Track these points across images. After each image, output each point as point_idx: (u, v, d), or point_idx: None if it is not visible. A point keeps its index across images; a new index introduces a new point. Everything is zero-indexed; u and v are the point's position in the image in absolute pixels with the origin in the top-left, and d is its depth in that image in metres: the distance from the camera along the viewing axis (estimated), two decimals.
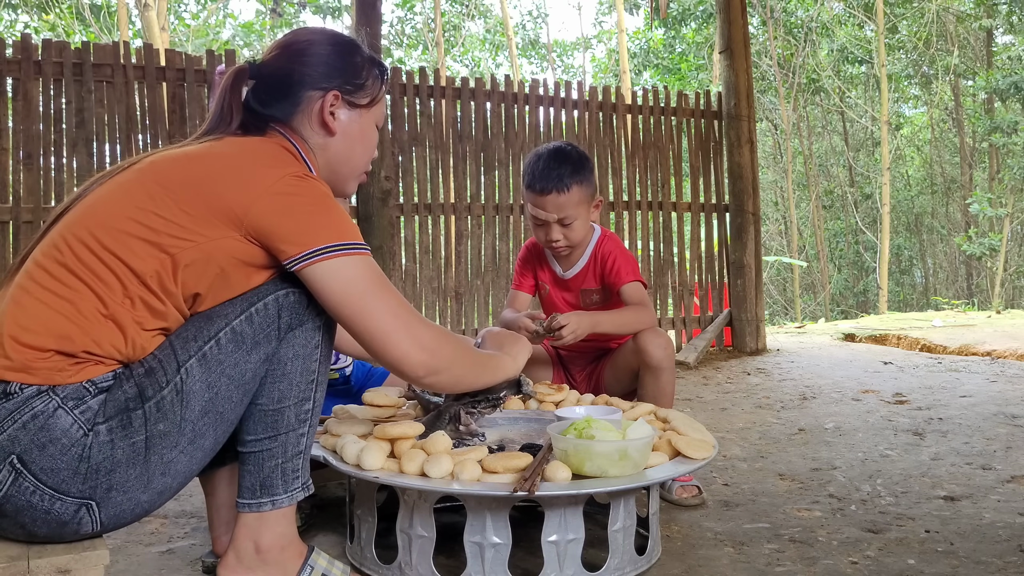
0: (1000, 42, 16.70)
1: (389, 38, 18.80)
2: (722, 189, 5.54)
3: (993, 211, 13.47)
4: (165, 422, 1.27)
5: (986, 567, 1.68)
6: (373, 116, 1.54)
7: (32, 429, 1.21)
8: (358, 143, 1.52)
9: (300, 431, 1.40)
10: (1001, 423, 3.05)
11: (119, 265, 1.26)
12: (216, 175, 1.31)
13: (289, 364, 1.36)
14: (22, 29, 13.86)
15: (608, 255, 2.27)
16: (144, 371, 1.28)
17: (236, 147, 1.38)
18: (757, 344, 5.30)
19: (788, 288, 17.64)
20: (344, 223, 1.33)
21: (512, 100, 4.97)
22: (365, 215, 4.42)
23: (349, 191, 1.58)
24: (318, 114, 1.46)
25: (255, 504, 1.40)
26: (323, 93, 1.46)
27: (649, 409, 1.92)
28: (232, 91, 1.46)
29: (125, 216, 1.28)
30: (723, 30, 5.35)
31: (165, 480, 1.30)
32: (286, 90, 1.46)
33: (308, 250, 1.29)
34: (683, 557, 1.75)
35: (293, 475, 1.41)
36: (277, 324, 1.34)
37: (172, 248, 1.28)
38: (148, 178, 1.31)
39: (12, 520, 1.24)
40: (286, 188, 1.30)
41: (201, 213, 1.28)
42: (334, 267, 1.30)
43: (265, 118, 1.46)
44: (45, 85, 3.98)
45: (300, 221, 1.30)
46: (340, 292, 1.31)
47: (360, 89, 1.50)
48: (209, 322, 1.31)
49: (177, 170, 1.32)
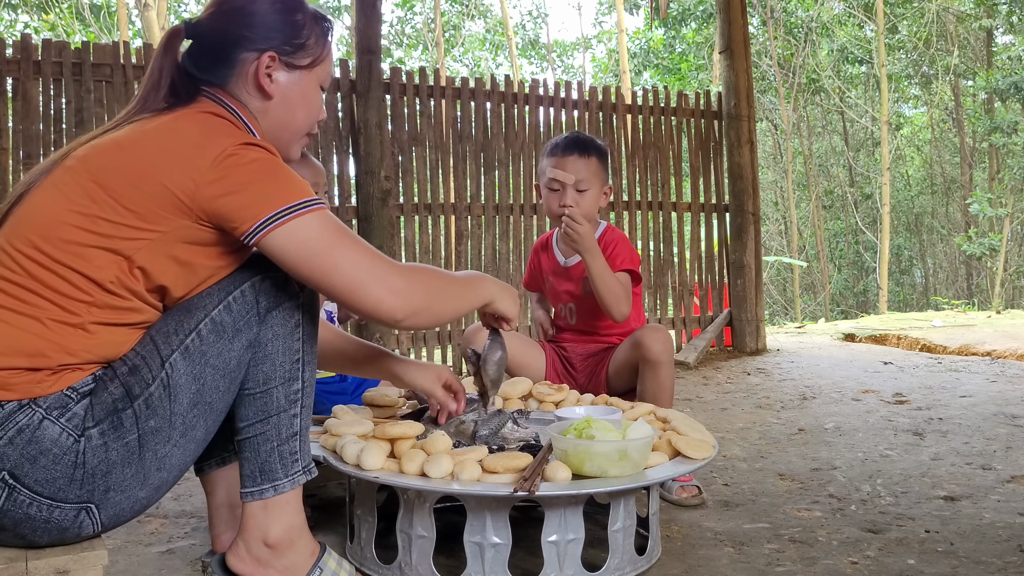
0: (1000, 42, 16.70)
1: (389, 38, 18.80)
2: (722, 189, 5.54)
3: (993, 211, 13.46)
4: (156, 418, 1.26)
5: (986, 567, 1.68)
6: (316, 77, 1.45)
7: (20, 444, 1.20)
8: (299, 106, 1.44)
9: (292, 412, 1.38)
10: (1001, 423, 3.05)
11: (76, 276, 1.23)
12: (152, 164, 1.25)
13: (270, 345, 1.34)
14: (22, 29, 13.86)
15: (610, 243, 2.33)
16: (128, 369, 1.27)
17: (165, 128, 1.30)
18: (757, 344, 5.29)
19: (788, 288, 17.64)
20: (290, 183, 1.28)
21: (512, 100, 4.96)
22: (365, 215, 4.42)
23: (293, 156, 1.50)
24: (253, 77, 1.38)
25: (257, 491, 1.38)
26: (259, 55, 1.38)
27: (649, 409, 1.92)
28: (165, 53, 1.38)
29: (69, 224, 1.23)
30: (723, 30, 5.35)
31: (161, 475, 1.30)
32: (221, 52, 1.38)
33: (258, 222, 1.24)
34: (683, 557, 1.75)
35: (292, 458, 1.39)
36: (256, 310, 1.32)
37: (127, 250, 1.24)
38: (83, 176, 1.25)
39: (11, 532, 1.23)
40: (225, 165, 1.25)
41: (147, 208, 1.24)
42: (287, 232, 1.25)
43: (198, 82, 1.38)
44: (45, 85, 3.98)
45: (246, 195, 1.24)
46: (300, 255, 1.26)
47: (300, 49, 1.41)
48: (188, 315, 1.30)
49: (111, 162, 1.26)
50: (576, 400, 2.02)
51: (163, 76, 1.37)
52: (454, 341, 4.75)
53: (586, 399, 2.04)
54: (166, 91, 1.36)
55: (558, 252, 2.45)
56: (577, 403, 1.99)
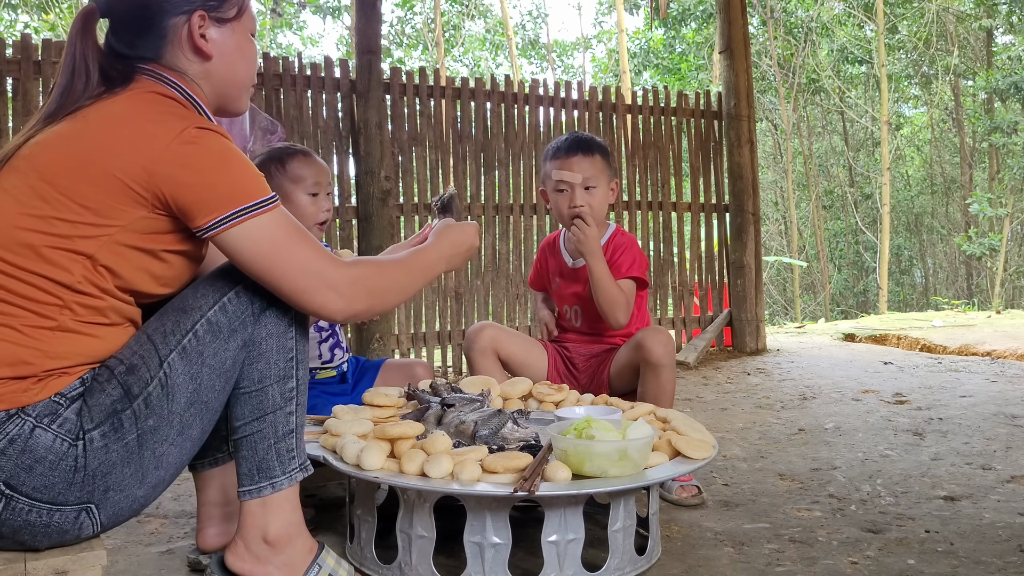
0: (1000, 42, 16.69)
1: (389, 38, 18.79)
2: (722, 189, 5.54)
3: (993, 211, 13.46)
4: (154, 417, 1.26)
5: (986, 567, 1.68)
6: (245, 26, 1.42)
7: (12, 454, 1.19)
8: (239, 59, 1.41)
9: (287, 409, 1.39)
10: (1001, 423, 3.05)
11: (41, 280, 1.22)
12: (101, 154, 1.22)
13: (264, 344, 1.35)
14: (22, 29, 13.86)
15: (619, 247, 2.33)
16: (126, 369, 1.27)
17: (110, 115, 1.26)
18: (757, 344, 5.29)
19: (788, 288, 17.64)
20: (246, 178, 1.27)
21: (512, 100, 4.97)
22: (365, 215, 4.42)
23: (242, 108, 1.48)
24: (188, 40, 1.35)
25: (255, 489, 1.39)
26: (187, 17, 1.34)
27: (649, 409, 1.92)
28: (83, 37, 1.32)
29: (24, 228, 1.21)
30: (723, 30, 5.35)
31: (159, 473, 1.30)
32: (147, 23, 1.34)
33: (216, 219, 1.24)
34: (683, 557, 1.75)
35: (289, 455, 1.40)
36: (251, 310, 1.33)
37: (87, 249, 1.23)
38: (32, 177, 1.22)
39: (10, 540, 1.23)
40: (179, 153, 1.23)
41: (101, 202, 1.22)
42: (242, 232, 1.25)
43: (131, 60, 1.34)
44: (45, 85, 3.97)
45: (202, 188, 1.23)
46: (252, 255, 1.27)
47: (224, 2, 1.38)
48: (184, 315, 1.30)
49: (58, 158, 1.23)
50: (576, 400, 2.02)
51: (88, 62, 1.30)
52: (454, 341, 4.75)
53: (586, 399, 2.04)
54: (97, 77, 1.31)
55: (566, 254, 2.45)
56: (577, 403, 1.99)
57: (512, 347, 2.31)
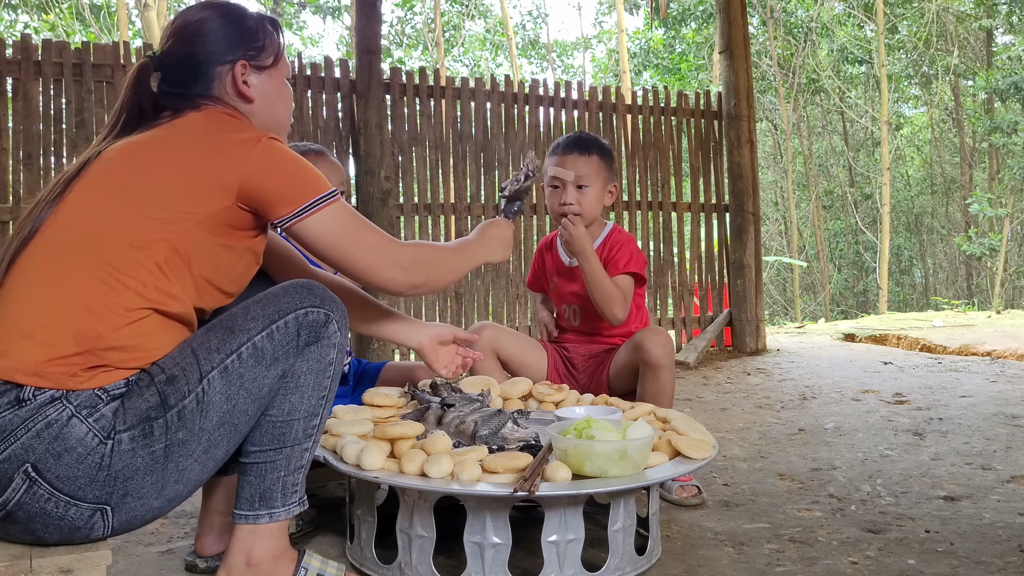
0: (1000, 42, 16.69)
1: (389, 38, 18.79)
2: (722, 189, 5.54)
3: (993, 211, 13.46)
4: (184, 431, 1.28)
5: (986, 567, 1.68)
6: (281, 72, 1.57)
7: (47, 438, 1.21)
8: (277, 100, 1.57)
9: (305, 445, 1.42)
10: (1001, 423, 3.05)
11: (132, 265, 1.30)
12: (197, 153, 1.36)
13: (303, 378, 1.38)
14: (22, 29, 13.86)
15: (615, 245, 2.34)
16: (166, 378, 1.29)
17: (192, 126, 1.41)
18: (757, 344, 5.29)
19: (788, 288, 17.64)
20: (315, 177, 1.43)
21: (512, 100, 4.97)
22: (365, 215, 4.37)
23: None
24: (232, 86, 1.50)
25: (252, 516, 1.40)
26: (231, 66, 1.49)
27: (649, 409, 1.92)
28: (136, 86, 1.46)
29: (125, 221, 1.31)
30: (723, 30, 5.35)
31: (177, 487, 1.31)
32: (196, 72, 1.48)
33: (296, 209, 1.39)
34: (683, 557, 1.75)
35: (292, 489, 1.42)
36: (296, 342, 1.36)
37: (171, 234, 1.32)
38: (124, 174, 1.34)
39: (22, 526, 1.24)
40: (264, 153, 1.38)
41: (192, 195, 1.34)
42: (319, 220, 1.41)
43: (192, 96, 1.47)
44: (45, 85, 3.98)
45: (285, 182, 1.39)
46: (329, 240, 1.43)
47: (262, 52, 1.53)
48: (231, 334, 1.33)
49: (151, 157, 1.36)
50: (576, 400, 2.02)
51: (143, 102, 1.46)
52: None
53: (586, 399, 2.04)
54: (168, 112, 1.44)
55: (562, 252, 2.45)
56: (577, 403, 1.99)
57: (512, 347, 2.31)
